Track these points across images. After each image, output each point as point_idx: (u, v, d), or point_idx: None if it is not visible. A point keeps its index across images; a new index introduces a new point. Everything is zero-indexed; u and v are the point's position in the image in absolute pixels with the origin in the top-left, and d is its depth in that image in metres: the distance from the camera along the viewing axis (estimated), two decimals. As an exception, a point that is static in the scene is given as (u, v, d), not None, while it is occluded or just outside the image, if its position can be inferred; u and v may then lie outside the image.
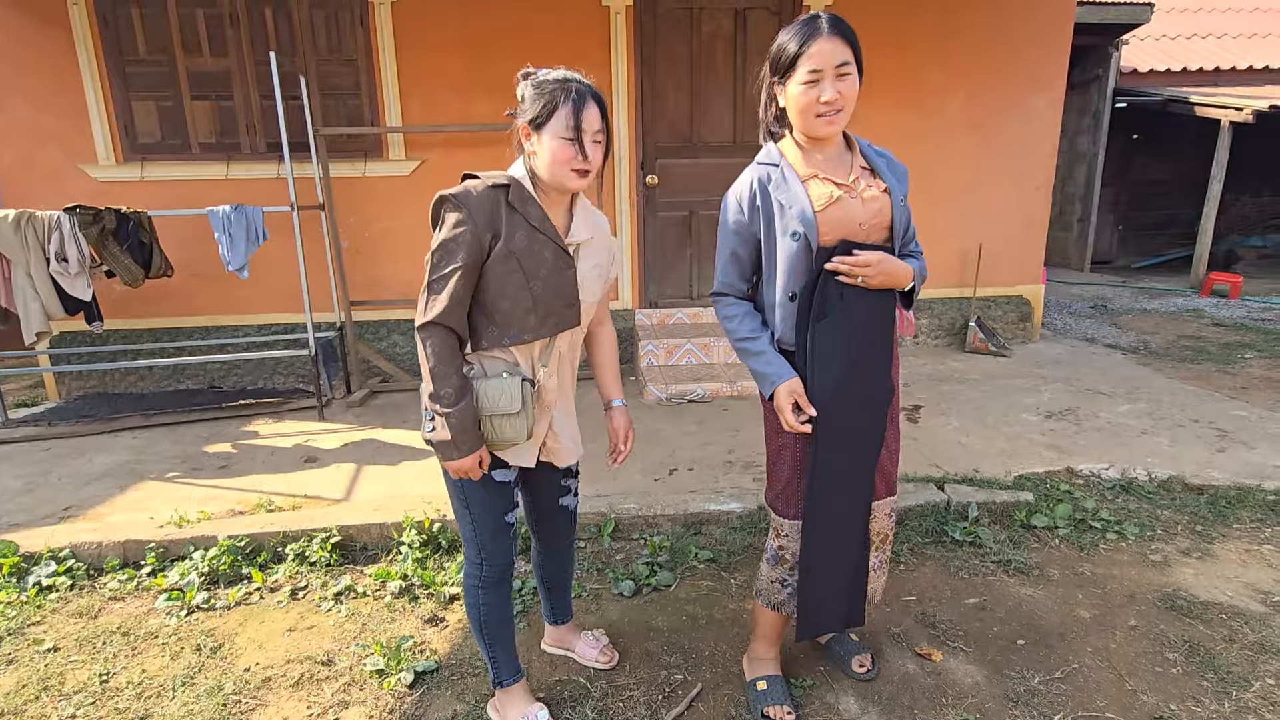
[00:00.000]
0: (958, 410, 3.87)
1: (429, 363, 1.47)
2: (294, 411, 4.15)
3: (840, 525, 1.68)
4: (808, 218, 1.49)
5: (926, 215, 4.98)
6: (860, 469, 1.66)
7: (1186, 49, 9.58)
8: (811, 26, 1.44)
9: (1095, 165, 8.50)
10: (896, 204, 1.56)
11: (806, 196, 1.51)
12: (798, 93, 1.47)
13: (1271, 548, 2.56)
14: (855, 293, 1.53)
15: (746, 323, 1.62)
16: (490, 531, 1.67)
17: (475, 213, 1.44)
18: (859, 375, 1.59)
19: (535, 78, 1.50)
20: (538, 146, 1.47)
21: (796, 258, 1.53)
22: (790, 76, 1.48)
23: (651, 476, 3.12)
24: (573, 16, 4.46)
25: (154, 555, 2.56)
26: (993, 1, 4.73)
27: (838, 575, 1.72)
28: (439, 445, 1.51)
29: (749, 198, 1.57)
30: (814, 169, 1.54)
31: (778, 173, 1.54)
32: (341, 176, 4.46)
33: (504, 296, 1.49)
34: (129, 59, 4.32)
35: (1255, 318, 6.14)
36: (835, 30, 1.44)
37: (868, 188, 1.55)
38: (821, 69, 1.44)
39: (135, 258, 3.74)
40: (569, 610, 2.08)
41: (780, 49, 1.49)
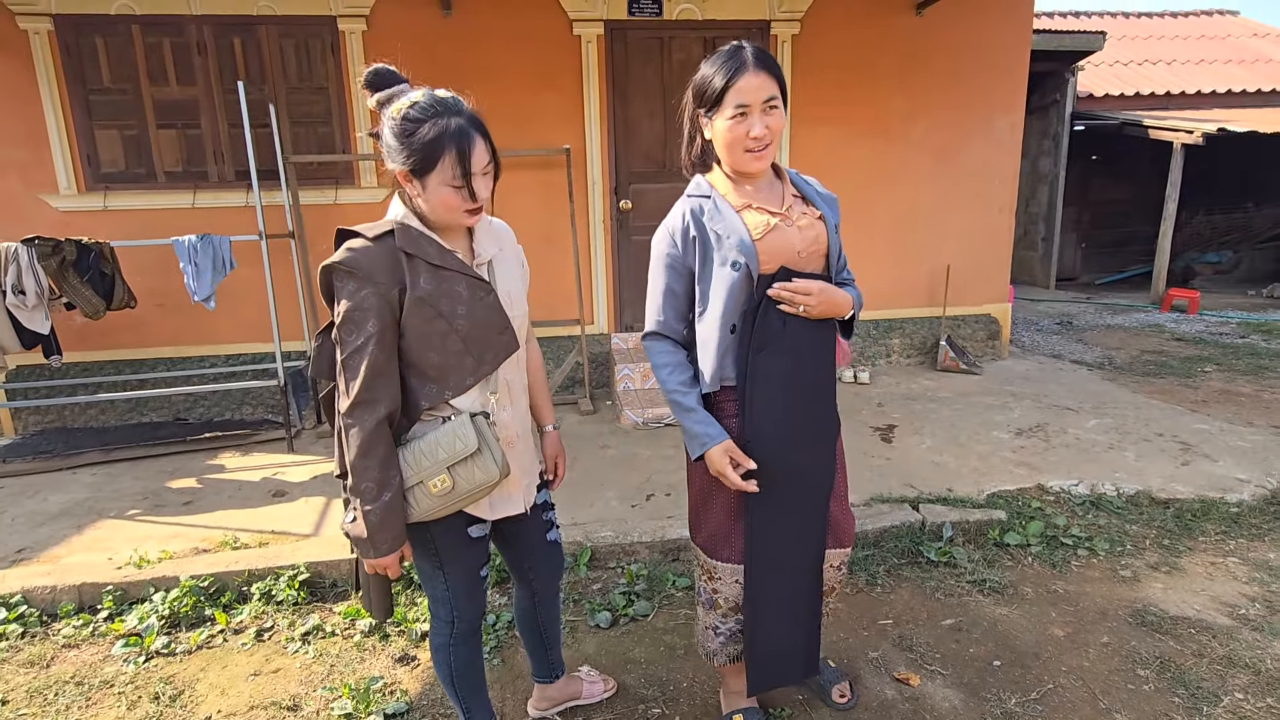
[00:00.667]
0: (931, 429, 3.91)
1: (349, 454, 1.33)
2: (262, 443, 4.05)
3: (787, 572, 1.60)
4: (747, 246, 1.45)
5: (897, 237, 5.08)
6: (812, 512, 1.60)
7: (1139, 74, 9.97)
8: (737, 59, 1.40)
9: (1057, 186, 8.76)
10: (831, 230, 1.55)
11: (743, 225, 1.47)
12: (725, 127, 1.44)
13: (1236, 560, 2.61)
14: (797, 322, 1.49)
15: (679, 374, 1.54)
16: (465, 589, 1.56)
17: (372, 271, 1.30)
18: (805, 406, 1.55)
19: (400, 112, 1.30)
20: (421, 192, 1.34)
21: (737, 288, 1.48)
22: (717, 111, 1.44)
23: (628, 503, 3.09)
24: (544, 45, 4.51)
25: (111, 598, 2.46)
26: (953, 32, 4.89)
27: (792, 627, 1.64)
28: (356, 540, 1.39)
29: (682, 230, 1.51)
30: (746, 199, 1.51)
31: (710, 204, 1.50)
32: (312, 204, 4.43)
33: (430, 349, 1.36)
34: (92, 88, 4.26)
35: (1213, 332, 6.33)
36: (761, 65, 1.40)
37: (801, 215, 1.53)
38: (749, 104, 1.40)
39: (96, 289, 3.66)
40: (561, 660, 1.92)
41: (705, 81, 1.45)
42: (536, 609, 1.80)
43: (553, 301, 4.73)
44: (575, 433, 3.98)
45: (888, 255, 5.07)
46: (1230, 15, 12.23)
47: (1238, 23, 11.97)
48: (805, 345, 1.51)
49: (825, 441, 1.61)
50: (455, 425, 1.38)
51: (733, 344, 1.51)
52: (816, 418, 1.58)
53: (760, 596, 1.60)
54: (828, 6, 4.71)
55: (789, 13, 4.68)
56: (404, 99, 1.33)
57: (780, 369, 1.50)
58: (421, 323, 1.34)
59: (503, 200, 5.04)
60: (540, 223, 4.66)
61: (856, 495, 3.05)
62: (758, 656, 1.65)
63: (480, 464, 1.38)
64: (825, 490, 1.62)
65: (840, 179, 5.04)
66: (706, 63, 1.46)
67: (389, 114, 1.33)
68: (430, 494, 1.38)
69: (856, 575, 2.55)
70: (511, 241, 1.58)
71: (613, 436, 3.94)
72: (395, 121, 1.31)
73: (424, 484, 1.38)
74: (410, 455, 1.39)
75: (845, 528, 1.70)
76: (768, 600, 1.61)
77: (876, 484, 3.19)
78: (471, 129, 1.32)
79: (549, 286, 4.71)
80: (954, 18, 4.84)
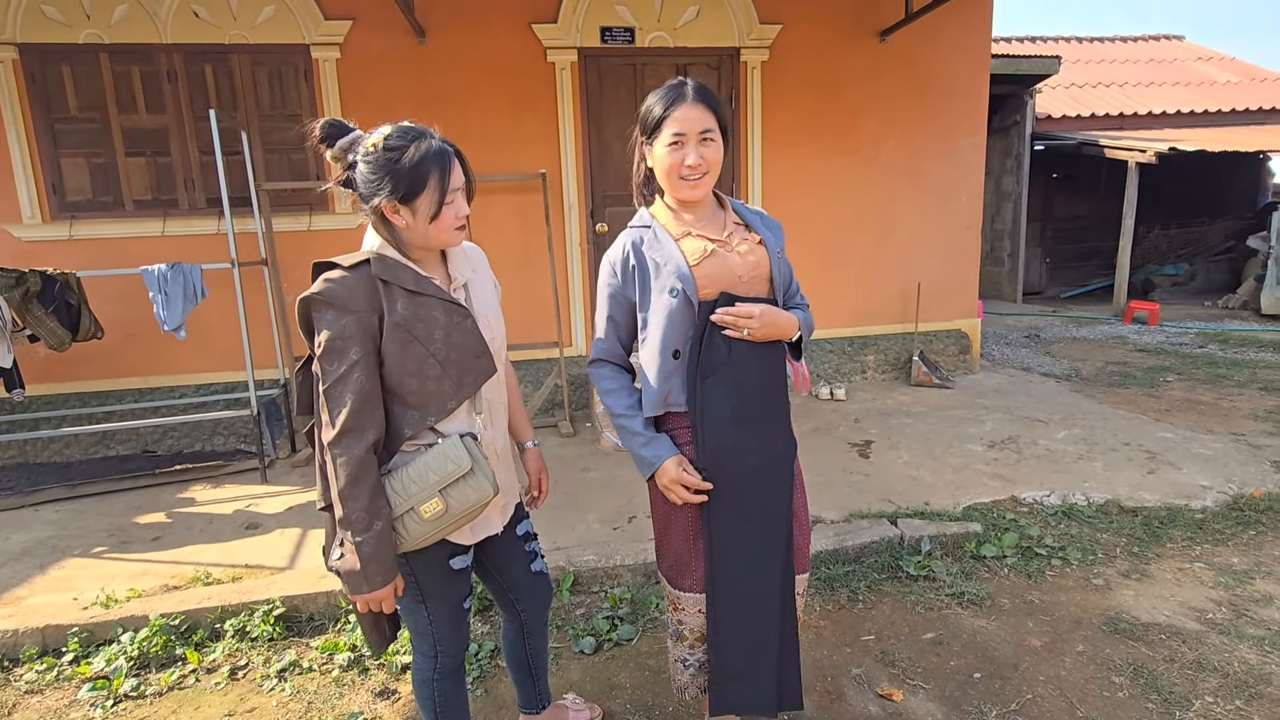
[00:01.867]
0: (907, 443, 3.97)
1: (337, 483, 1.31)
2: (235, 475, 3.97)
3: (755, 601, 1.57)
4: (684, 273, 1.48)
5: (868, 255, 5.20)
6: (771, 537, 1.58)
7: (1094, 96, 10.38)
8: (677, 92, 1.46)
9: (1020, 203, 9.03)
10: (773, 255, 1.57)
11: (680, 253, 1.50)
12: (663, 154, 1.48)
13: (1202, 565, 2.68)
14: (742, 346, 1.50)
15: (623, 398, 1.58)
16: (448, 622, 1.53)
17: (352, 299, 1.31)
18: (755, 430, 1.54)
19: (378, 144, 1.33)
20: (411, 219, 1.36)
21: (677, 314, 1.50)
22: (656, 138, 1.49)
23: (610, 525, 3.08)
24: (519, 71, 4.57)
25: (77, 640, 2.38)
26: (916, 57, 5.05)
27: (757, 650, 1.60)
28: (347, 576, 1.35)
29: (622, 261, 1.55)
30: (686, 228, 1.55)
31: (650, 234, 1.54)
32: (286, 231, 4.39)
33: (409, 374, 1.36)
34: (58, 116, 4.20)
35: (1173, 342, 6.54)
36: (699, 98, 1.46)
37: (742, 242, 1.55)
38: (685, 133, 1.45)
39: (62, 320, 3.58)
40: (548, 690, 1.89)
41: (647, 110, 1.50)
42: (524, 640, 1.78)
43: (531, 324, 4.73)
44: (556, 455, 3.97)
45: (860, 273, 5.18)
46: (1176, 40, 12.82)
47: (1183, 47, 12.55)
48: (751, 369, 1.52)
49: (781, 464, 1.60)
50: (446, 447, 1.38)
51: (676, 369, 1.53)
52: (769, 439, 1.58)
53: (722, 619, 1.58)
54: (795, 34, 4.85)
55: (758, 40, 4.80)
56: (375, 133, 1.35)
57: (728, 394, 1.51)
58: (399, 348, 1.35)
59: (480, 224, 5.06)
60: (518, 246, 4.68)
61: (836, 511, 3.08)
62: (717, 678, 1.62)
63: (473, 484, 1.37)
64: (785, 513, 1.60)
65: (811, 200, 5.17)
66: (652, 94, 1.51)
67: (364, 149, 1.35)
68: (422, 519, 1.37)
69: (838, 591, 2.57)
70: (484, 263, 1.60)
71: (593, 459, 3.93)
72: (375, 153, 1.33)
73: (414, 510, 1.36)
74: (398, 483, 1.37)
75: (805, 552, 1.68)
76: (729, 622, 1.58)
77: (855, 500, 3.22)
78: (450, 154, 1.37)
79: (527, 309, 4.72)
80: (916, 43, 5.01)
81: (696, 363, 1.50)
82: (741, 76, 4.87)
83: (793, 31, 4.84)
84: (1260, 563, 2.67)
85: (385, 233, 1.40)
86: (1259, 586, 2.51)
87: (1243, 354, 5.95)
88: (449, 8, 4.42)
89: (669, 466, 1.51)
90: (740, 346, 1.50)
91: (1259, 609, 2.38)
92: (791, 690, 1.66)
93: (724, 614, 1.57)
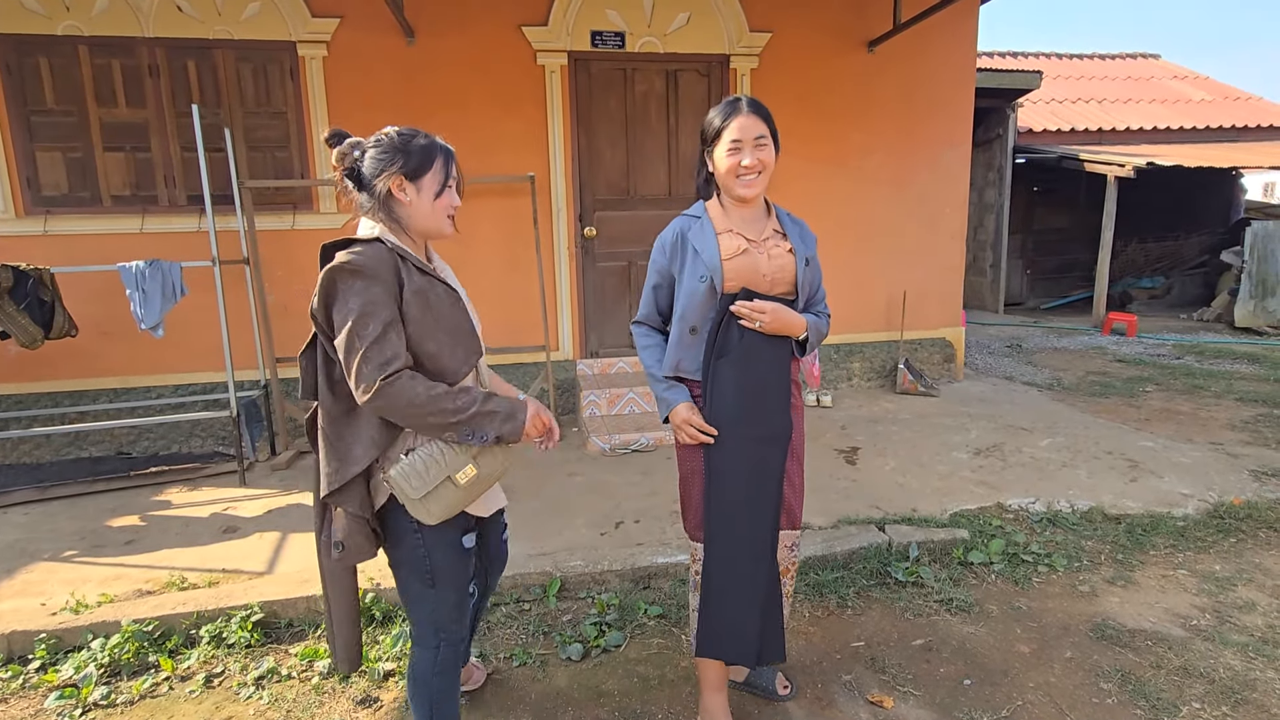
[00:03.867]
0: (894, 450, 3.98)
1: (419, 405, 1.36)
2: (212, 477, 3.88)
3: (744, 547, 1.76)
4: (714, 264, 1.71)
5: (855, 264, 5.23)
6: (761, 497, 1.76)
7: (1073, 111, 10.58)
8: (734, 106, 1.70)
9: (1002, 215, 9.16)
10: (800, 264, 1.77)
11: (717, 247, 1.73)
12: (722, 157, 1.71)
13: (1185, 572, 2.71)
14: (753, 336, 1.71)
15: (655, 353, 1.84)
16: (453, 606, 1.59)
17: (378, 269, 1.39)
18: (754, 410, 1.74)
19: (389, 132, 1.48)
20: (415, 195, 1.47)
21: (700, 298, 1.73)
22: (716, 144, 1.72)
23: (598, 530, 3.05)
24: (508, 74, 4.55)
25: (45, 647, 2.30)
26: (903, 69, 5.11)
27: (742, 599, 1.77)
28: (508, 429, 1.45)
29: (671, 242, 1.79)
30: (730, 225, 1.77)
31: (698, 224, 1.77)
32: (269, 229, 4.32)
33: (428, 338, 1.44)
34: (35, 109, 4.11)
35: (1151, 353, 6.66)
36: (753, 110, 1.70)
37: (775, 246, 1.78)
38: (741, 139, 1.68)
39: (34, 317, 3.48)
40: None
41: (709, 123, 1.74)
42: (480, 602, 1.95)
43: (518, 328, 4.70)
44: (542, 460, 3.92)
45: (846, 281, 5.20)
46: (1152, 58, 13.13)
47: (1160, 65, 12.86)
48: (756, 354, 1.73)
49: (775, 441, 1.78)
50: None
51: (692, 343, 1.77)
52: (767, 414, 1.76)
53: (715, 565, 1.76)
54: (784, 43, 4.88)
55: (747, 48, 4.83)
56: (383, 130, 1.50)
57: (733, 373, 1.73)
58: (420, 313, 1.44)
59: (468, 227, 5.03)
60: (505, 249, 4.64)
61: (824, 517, 3.08)
62: (708, 619, 1.79)
63: (500, 449, 1.51)
64: (775, 476, 1.78)
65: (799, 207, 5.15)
66: (713, 109, 1.75)
67: (374, 138, 1.48)
68: (458, 486, 1.45)
69: (827, 597, 2.56)
70: (453, 275, 1.68)
71: (580, 463, 3.90)
72: (388, 137, 1.47)
73: (451, 478, 1.45)
74: (436, 452, 1.44)
75: (795, 511, 1.88)
76: (722, 568, 1.76)
77: (843, 506, 3.22)
78: (449, 149, 1.54)
79: (514, 313, 4.68)
80: (904, 55, 5.07)
81: (713, 343, 1.72)
82: (731, 84, 4.88)
83: (782, 40, 4.87)
84: (1242, 569, 2.70)
85: (385, 219, 1.49)
86: (1241, 593, 2.54)
87: (1218, 365, 6.06)
88: (439, 8, 4.39)
89: (681, 409, 1.75)
90: (752, 335, 1.71)
91: (1242, 615, 2.40)
92: (774, 645, 1.82)
93: (719, 557, 1.76)
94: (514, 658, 2.26)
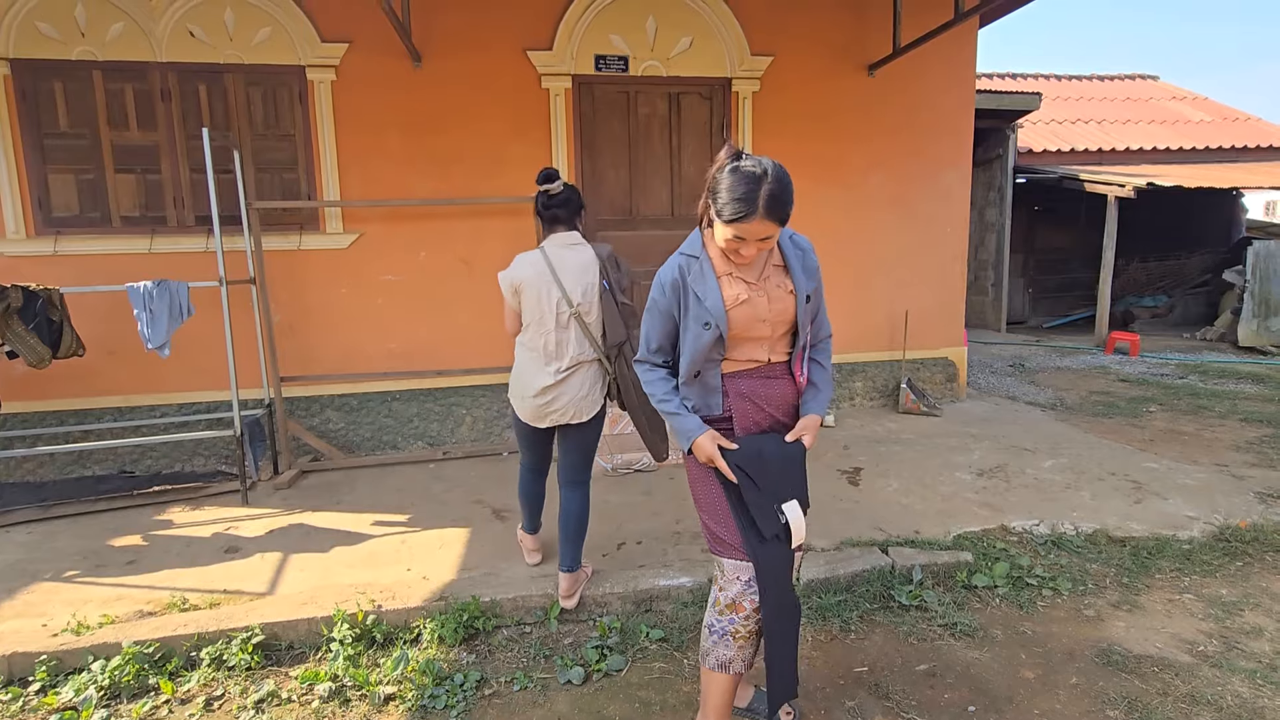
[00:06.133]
0: (896, 471, 3.97)
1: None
2: (215, 496, 3.88)
3: (783, 573, 1.77)
4: (719, 313, 1.70)
5: (857, 284, 5.25)
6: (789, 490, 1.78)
7: (1073, 132, 10.66)
8: (750, 205, 1.56)
9: (1004, 234, 9.20)
10: (801, 305, 1.76)
11: (720, 295, 1.70)
12: (724, 233, 1.64)
13: (1192, 596, 2.69)
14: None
15: (663, 385, 1.82)
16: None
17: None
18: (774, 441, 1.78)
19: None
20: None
21: (707, 344, 1.72)
22: (719, 222, 1.63)
23: (600, 552, 3.04)
24: (514, 97, 4.61)
25: (45, 669, 2.29)
26: (903, 92, 5.17)
27: (790, 627, 1.79)
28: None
29: (671, 284, 1.75)
30: (729, 268, 1.74)
31: (698, 265, 1.73)
32: (275, 250, 4.37)
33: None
34: (48, 132, 4.17)
35: (1154, 373, 6.64)
36: (770, 215, 1.57)
37: (776, 287, 1.75)
38: (746, 237, 1.62)
39: (42, 337, 3.51)
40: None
41: (720, 202, 1.61)
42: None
43: (521, 347, 4.70)
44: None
45: (848, 301, 5.22)
46: (1151, 79, 13.25)
47: (1158, 86, 12.97)
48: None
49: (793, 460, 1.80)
50: None
51: (696, 383, 1.78)
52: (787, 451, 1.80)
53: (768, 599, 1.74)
54: (786, 66, 4.95)
55: (749, 71, 4.90)
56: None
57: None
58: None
59: (474, 247, 5.05)
60: (508, 269, 4.67)
61: (827, 539, 3.06)
62: (776, 660, 1.79)
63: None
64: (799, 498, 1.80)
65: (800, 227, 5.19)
66: (730, 176, 1.59)
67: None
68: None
69: (830, 621, 2.54)
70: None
71: (582, 483, 3.89)
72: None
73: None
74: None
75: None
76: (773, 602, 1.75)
77: (846, 528, 3.21)
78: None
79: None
80: (904, 78, 5.13)
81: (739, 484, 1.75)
82: (733, 106, 4.95)
83: (784, 63, 4.94)
84: (1249, 594, 2.68)
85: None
86: (1248, 618, 2.52)
87: (1222, 385, 6.05)
88: (445, 33, 4.47)
89: (704, 442, 1.74)
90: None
91: (1249, 641, 2.38)
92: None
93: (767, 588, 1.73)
94: (514, 681, 2.25)
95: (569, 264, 2.45)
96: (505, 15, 4.53)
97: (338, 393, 4.58)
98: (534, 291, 2.45)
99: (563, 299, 2.44)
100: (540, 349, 2.48)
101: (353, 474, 4.23)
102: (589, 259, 2.46)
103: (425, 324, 4.65)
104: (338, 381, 4.54)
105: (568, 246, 2.48)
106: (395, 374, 4.60)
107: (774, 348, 1.80)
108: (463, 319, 4.67)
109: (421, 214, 4.55)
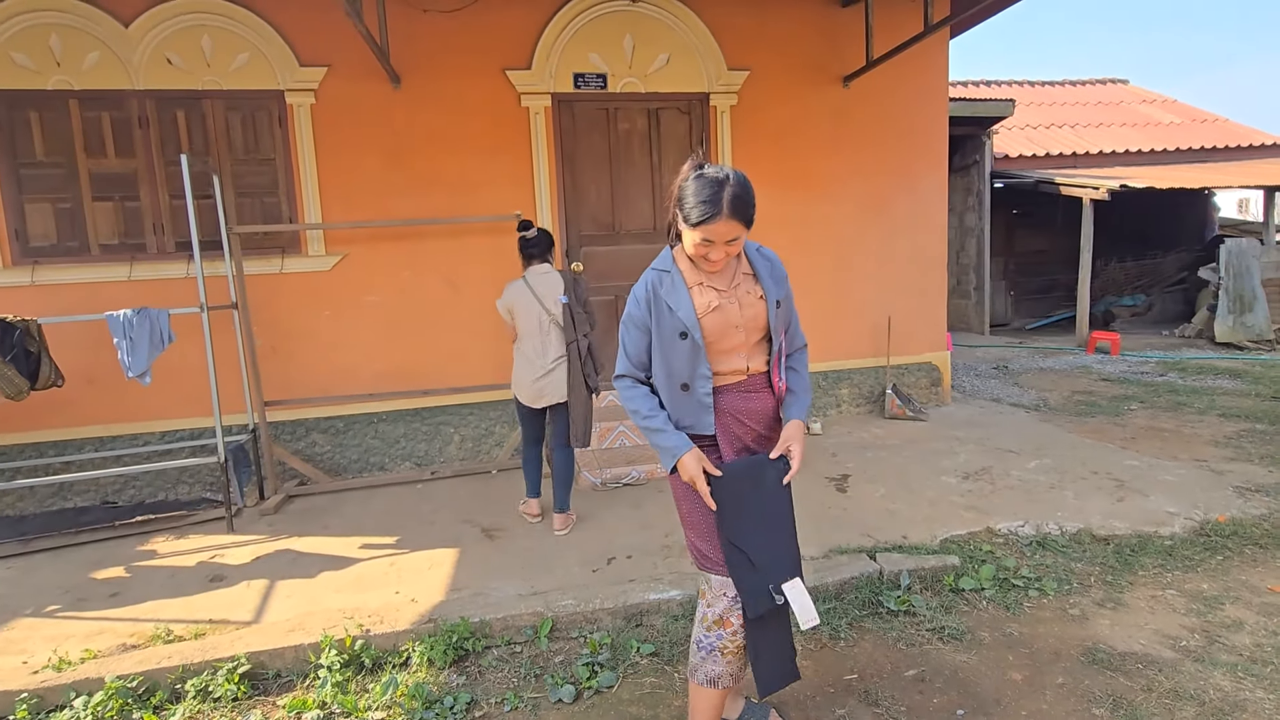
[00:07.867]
0: (883, 477, 4.00)
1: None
2: (200, 524, 3.84)
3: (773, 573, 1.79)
4: (691, 320, 1.73)
5: (840, 292, 5.30)
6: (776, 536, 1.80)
7: (1047, 136, 10.85)
8: (715, 207, 1.62)
9: (983, 239, 9.33)
10: (771, 309, 1.80)
11: (691, 303, 1.74)
12: (691, 241, 1.70)
13: (1174, 592, 2.72)
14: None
15: (645, 402, 1.82)
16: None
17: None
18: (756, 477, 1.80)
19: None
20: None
21: (685, 353, 1.75)
22: (687, 227, 1.68)
23: (589, 567, 3.04)
24: (493, 116, 4.64)
25: (26, 707, 2.25)
26: (879, 101, 5.26)
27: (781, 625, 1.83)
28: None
29: (644, 298, 1.80)
30: (700, 278, 1.78)
31: (669, 278, 1.78)
32: (257, 274, 4.35)
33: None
34: (24, 161, 4.15)
35: (1135, 371, 6.74)
36: (734, 213, 1.63)
37: (747, 293, 1.79)
38: (714, 240, 1.66)
39: (20, 369, 3.47)
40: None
41: (686, 207, 1.67)
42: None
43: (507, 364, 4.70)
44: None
45: (832, 309, 5.28)
46: (1121, 83, 13.52)
47: (1128, 90, 13.24)
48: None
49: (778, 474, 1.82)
50: None
51: (685, 399, 1.79)
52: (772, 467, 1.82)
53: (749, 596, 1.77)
54: (763, 79, 5.02)
55: (726, 86, 4.96)
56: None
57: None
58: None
59: (457, 265, 5.06)
60: (494, 287, 4.66)
61: (816, 547, 3.08)
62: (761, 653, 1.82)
63: None
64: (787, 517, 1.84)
65: (781, 238, 5.27)
66: (695, 183, 1.66)
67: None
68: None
69: (820, 629, 2.55)
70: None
71: (572, 499, 3.88)
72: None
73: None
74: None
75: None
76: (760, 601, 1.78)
77: (834, 535, 3.22)
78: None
79: (503, 349, 4.69)
80: (879, 88, 5.22)
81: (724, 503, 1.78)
82: (711, 120, 5.01)
83: (760, 77, 5.01)
84: (1229, 588, 2.72)
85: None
86: (1229, 612, 2.55)
87: (1201, 381, 6.14)
88: (424, 55, 4.50)
89: (689, 461, 1.75)
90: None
91: (1230, 635, 2.41)
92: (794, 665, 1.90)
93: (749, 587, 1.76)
94: (505, 701, 2.24)
95: (544, 287, 3.36)
96: (483, 36, 4.58)
97: (323, 415, 4.55)
98: (523, 309, 3.38)
99: (543, 312, 3.36)
100: (532, 350, 3.38)
101: (340, 497, 4.21)
102: (557, 281, 3.37)
103: (410, 344, 4.64)
104: (323, 404, 4.52)
105: (542, 274, 3.40)
106: (381, 395, 4.58)
107: (752, 356, 1.83)
108: (448, 338, 4.67)
109: (404, 234, 4.56)
